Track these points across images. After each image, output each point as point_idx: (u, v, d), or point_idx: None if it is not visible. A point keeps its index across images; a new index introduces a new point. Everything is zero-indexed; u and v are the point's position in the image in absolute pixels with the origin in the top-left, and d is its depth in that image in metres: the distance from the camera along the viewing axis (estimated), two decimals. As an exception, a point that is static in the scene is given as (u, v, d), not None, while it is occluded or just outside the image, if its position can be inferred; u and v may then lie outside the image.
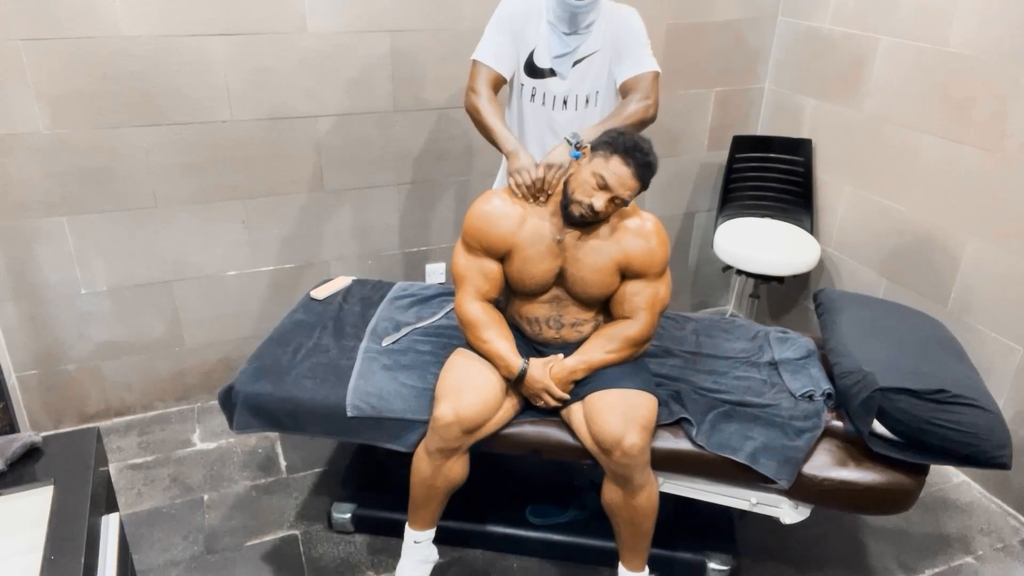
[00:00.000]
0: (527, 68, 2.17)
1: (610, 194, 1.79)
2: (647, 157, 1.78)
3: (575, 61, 2.13)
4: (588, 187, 1.79)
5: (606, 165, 1.78)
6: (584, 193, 1.80)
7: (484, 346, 1.95)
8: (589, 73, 2.16)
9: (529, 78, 2.18)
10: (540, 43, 2.13)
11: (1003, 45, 2.34)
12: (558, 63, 2.14)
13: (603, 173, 1.77)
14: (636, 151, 1.77)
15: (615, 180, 1.77)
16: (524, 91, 2.20)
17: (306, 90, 2.60)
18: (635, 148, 1.77)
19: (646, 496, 1.86)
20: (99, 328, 2.66)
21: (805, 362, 2.17)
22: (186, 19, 2.38)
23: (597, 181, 1.78)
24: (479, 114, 2.09)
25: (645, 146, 1.79)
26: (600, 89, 2.19)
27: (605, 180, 1.77)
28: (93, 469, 1.45)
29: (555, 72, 2.15)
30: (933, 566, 2.27)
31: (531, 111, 2.21)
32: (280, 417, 2.03)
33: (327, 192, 2.78)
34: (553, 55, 2.13)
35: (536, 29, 2.12)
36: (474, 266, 1.96)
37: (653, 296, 1.93)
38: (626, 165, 1.77)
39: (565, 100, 2.17)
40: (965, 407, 1.77)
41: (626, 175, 1.77)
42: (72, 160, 2.41)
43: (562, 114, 2.19)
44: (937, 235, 2.65)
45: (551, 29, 2.11)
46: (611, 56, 2.15)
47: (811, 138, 3.13)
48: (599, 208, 1.78)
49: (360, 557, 2.22)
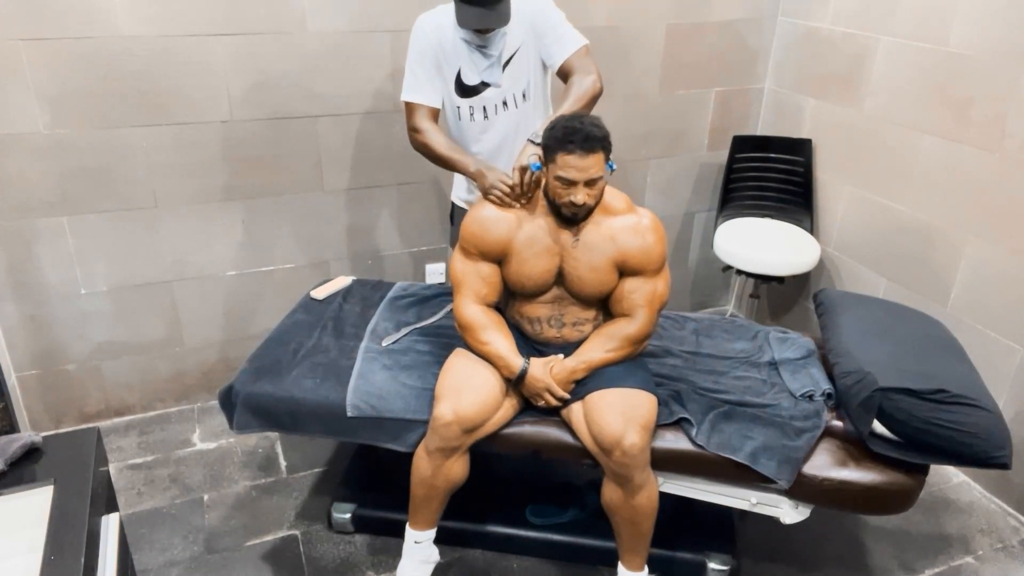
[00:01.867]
0: (457, 90, 2.14)
1: (579, 185, 1.79)
2: (585, 130, 1.75)
3: (504, 64, 2.11)
4: (560, 190, 1.81)
5: (559, 165, 1.78)
6: (561, 196, 1.82)
7: (484, 348, 1.95)
8: (519, 69, 2.14)
9: (462, 99, 2.15)
10: (463, 63, 2.11)
11: (1003, 45, 2.34)
12: (488, 74, 2.11)
13: (561, 173, 1.78)
14: (571, 135, 1.75)
15: (574, 172, 1.77)
16: (462, 112, 2.18)
17: (306, 90, 2.60)
18: (569, 133, 1.75)
19: (646, 496, 1.86)
20: (99, 328, 2.66)
21: (805, 362, 2.17)
22: (186, 19, 2.38)
23: (563, 182, 1.79)
24: (430, 149, 2.12)
25: (577, 123, 1.76)
26: (531, 79, 2.17)
27: (567, 177, 1.78)
28: (93, 469, 1.45)
29: (487, 84, 2.13)
30: (933, 566, 2.27)
31: (472, 129, 2.19)
32: (280, 417, 2.03)
33: (327, 192, 2.78)
34: (480, 70, 2.11)
35: (455, 51, 2.10)
36: (472, 270, 1.97)
37: (651, 293, 1.94)
38: (571, 153, 1.75)
39: (504, 102, 2.16)
40: (965, 407, 1.77)
41: (578, 161, 1.76)
42: (72, 160, 2.41)
43: (502, 115, 2.17)
44: (937, 235, 2.65)
45: (468, 48, 2.09)
46: (534, 44, 2.12)
47: (811, 138, 3.13)
48: (582, 202, 1.80)
49: (360, 557, 2.22)
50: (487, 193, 1.97)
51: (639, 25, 2.98)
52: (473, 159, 2.07)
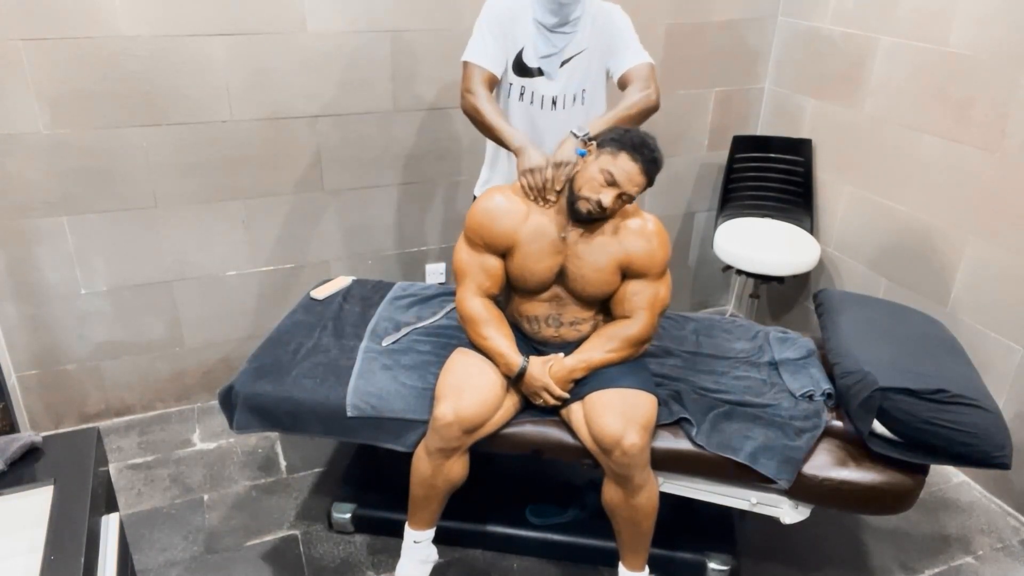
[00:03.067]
0: (516, 67, 2.15)
1: (618, 190, 1.79)
2: (654, 153, 1.80)
3: (563, 61, 2.13)
4: (596, 184, 1.80)
5: (614, 161, 1.78)
6: (592, 190, 1.80)
7: (484, 343, 1.96)
8: (577, 72, 2.15)
9: (518, 77, 2.17)
10: (528, 43, 2.12)
11: (1003, 45, 2.34)
12: (546, 63, 2.13)
13: (611, 169, 1.78)
14: (644, 147, 1.78)
15: (623, 176, 1.78)
16: (512, 90, 2.19)
17: (306, 90, 2.60)
18: (643, 144, 1.78)
19: (646, 496, 1.86)
20: (99, 328, 2.66)
21: (805, 362, 2.17)
22: (186, 19, 2.38)
23: (605, 177, 1.78)
24: (479, 114, 2.07)
25: (651, 143, 1.80)
26: (588, 87, 2.18)
27: (614, 176, 1.78)
28: (93, 469, 1.45)
29: (543, 72, 2.14)
30: (933, 566, 2.27)
31: (519, 110, 2.20)
32: (280, 417, 2.03)
33: (327, 192, 2.78)
34: (540, 55, 2.12)
35: (524, 28, 2.11)
36: (476, 262, 1.96)
37: (653, 296, 1.94)
38: (634, 161, 1.78)
39: (554, 100, 2.17)
40: (965, 407, 1.77)
41: (634, 171, 1.78)
42: (72, 160, 2.41)
43: (551, 114, 2.18)
44: (937, 235, 2.65)
45: (537, 28, 2.10)
46: (601, 52, 2.15)
47: (811, 138, 3.13)
48: (607, 204, 1.79)
49: (360, 557, 2.22)
50: (522, 174, 1.93)
51: (639, 25, 2.95)
52: (519, 133, 2.03)
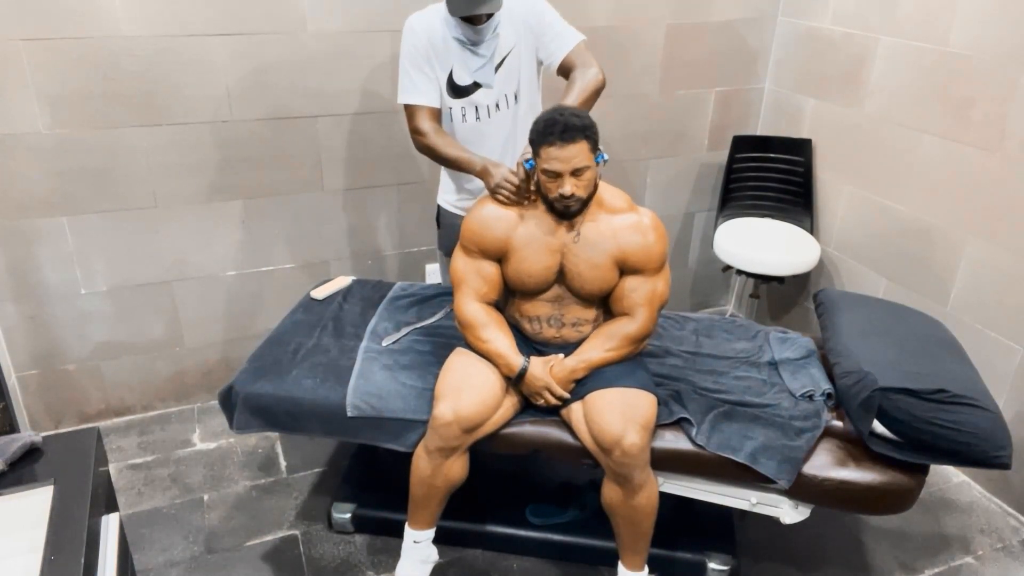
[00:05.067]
0: (450, 90, 2.12)
1: (566, 176, 1.79)
2: (564, 120, 1.76)
3: (496, 66, 2.10)
4: (550, 184, 1.82)
5: (544, 158, 1.80)
6: (553, 190, 1.83)
7: (484, 346, 1.96)
8: (512, 72, 2.13)
9: (455, 99, 2.13)
10: (455, 63, 2.08)
11: (1003, 45, 2.34)
12: (480, 75, 2.10)
13: (546, 166, 1.80)
14: (552, 125, 1.76)
15: (557, 163, 1.78)
16: (454, 113, 2.15)
17: (306, 90, 2.60)
18: (549, 126, 1.77)
19: (646, 496, 1.86)
20: (99, 328, 2.66)
21: (805, 362, 2.17)
22: (186, 19, 2.38)
23: (550, 176, 1.80)
24: (434, 151, 2.11)
25: (557, 115, 1.78)
26: (522, 81, 2.16)
27: (551, 169, 1.79)
28: (93, 469, 1.45)
29: (480, 84, 2.11)
30: (933, 566, 2.27)
31: (464, 130, 2.17)
32: (280, 417, 2.03)
33: (327, 192, 2.78)
34: (472, 70, 2.09)
35: (446, 51, 2.07)
36: (472, 268, 1.97)
37: (651, 292, 1.94)
38: (552, 145, 1.76)
39: (497, 104, 2.15)
40: (965, 407, 1.77)
41: (560, 152, 1.76)
42: (72, 160, 2.41)
43: (495, 117, 2.16)
44: (937, 235, 2.65)
45: (460, 46, 2.07)
46: (529, 44, 2.12)
47: (811, 138, 3.13)
48: (571, 193, 1.80)
49: (360, 557, 2.22)
50: (494, 192, 1.97)
51: (639, 25, 2.98)
52: (480, 157, 2.05)
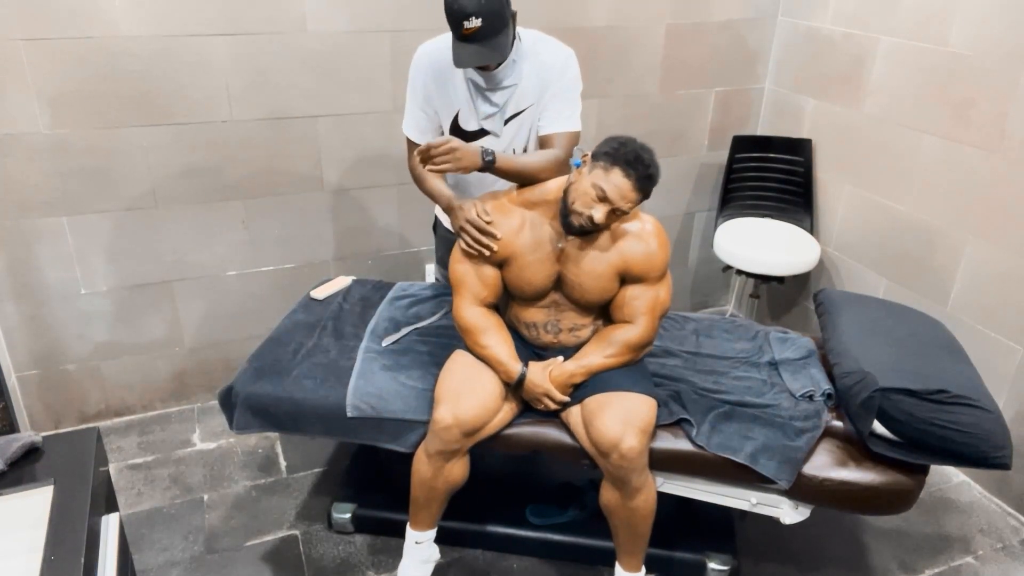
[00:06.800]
0: (454, 133, 2.02)
1: (610, 206, 1.74)
2: (648, 169, 1.73)
3: (507, 119, 2.01)
4: (588, 198, 1.74)
5: (606, 177, 1.72)
6: (584, 204, 1.75)
7: (483, 352, 1.95)
8: (523, 129, 2.04)
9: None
10: (463, 105, 2.00)
11: (1003, 45, 2.34)
12: (489, 123, 2.01)
13: (603, 185, 1.72)
14: (638, 163, 1.71)
15: (615, 192, 1.72)
16: None
17: (306, 90, 2.60)
18: (637, 160, 1.71)
19: (644, 498, 1.86)
20: (99, 328, 2.66)
21: (805, 362, 2.17)
22: (186, 19, 2.38)
23: (597, 193, 1.73)
24: (417, 181, 2.07)
25: (647, 157, 1.73)
26: (532, 140, 2.07)
27: (605, 192, 1.72)
28: (93, 469, 1.45)
29: (487, 131, 2.03)
30: (933, 566, 2.27)
31: (465, 178, 2.05)
32: (280, 417, 2.03)
33: (327, 192, 2.78)
34: (482, 116, 2.01)
35: (455, 90, 1.98)
36: (472, 272, 1.95)
37: (653, 300, 1.92)
38: (627, 177, 1.71)
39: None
40: (965, 407, 1.77)
41: (627, 187, 1.72)
42: (72, 160, 2.41)
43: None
44: (937, 235, 2.65)
45: (474, 90, 1.97)
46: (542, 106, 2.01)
47: (811, 138, 3.13)
48: (599, 220, 1.74)
49: (360, 557, 2.22)
50: (458, 233, 1.91)
51: (639, 25, 2.98)
52: (451, 194, 1.99)
